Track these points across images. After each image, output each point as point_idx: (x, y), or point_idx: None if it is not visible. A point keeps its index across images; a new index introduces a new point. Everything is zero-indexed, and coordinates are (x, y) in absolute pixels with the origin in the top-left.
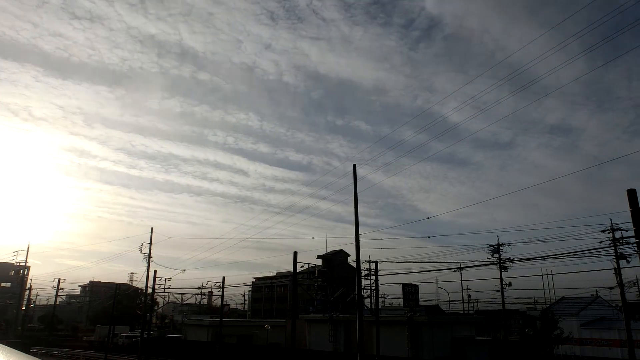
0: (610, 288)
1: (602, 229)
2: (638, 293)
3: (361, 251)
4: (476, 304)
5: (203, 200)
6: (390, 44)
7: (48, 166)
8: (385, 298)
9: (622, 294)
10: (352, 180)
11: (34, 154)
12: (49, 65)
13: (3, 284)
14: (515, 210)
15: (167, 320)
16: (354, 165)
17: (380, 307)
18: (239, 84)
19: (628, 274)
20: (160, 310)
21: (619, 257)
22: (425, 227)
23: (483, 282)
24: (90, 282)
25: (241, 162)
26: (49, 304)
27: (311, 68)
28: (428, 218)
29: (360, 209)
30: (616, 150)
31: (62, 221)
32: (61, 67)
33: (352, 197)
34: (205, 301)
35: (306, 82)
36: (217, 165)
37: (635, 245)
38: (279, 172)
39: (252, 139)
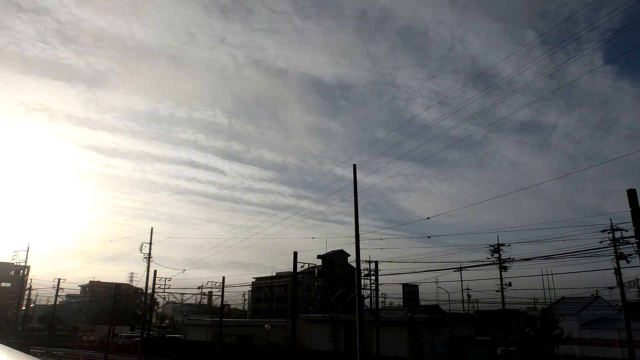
0: (610, 288)
1: (588, 229)
2: (638, 293)
3: (360, 251)
4: (476, 304)
5: (183, 199)
6: (346, 37)
7: (21, 165)
8: (385, 298)
9: (622, 294)
10: (330, 180)
11: (5, 152)
12: (2, 60)
13: (3, 284)
14: (498, 209)
15: (167, 321)
16: (354, 165)
17: (380, 307)
18: (199, 80)
19: (628, 274)
20: (160, 310)
21: (619, 257)
22: (414, 227)
23: (483, 282)
24: (90, 282)
25: (215, 161)
26: (49, 304)
27: (270, 62)
28: (428, 218)
29: (343, 209)
30: (591, 148)
31: (47, 222)
32: (15, 62)
33: (330, 197)
34: (205, 301)
35: (268, 77)
36: (192, 164)
37: (635, 245)
38: (255, 170)
39: (223, 136)
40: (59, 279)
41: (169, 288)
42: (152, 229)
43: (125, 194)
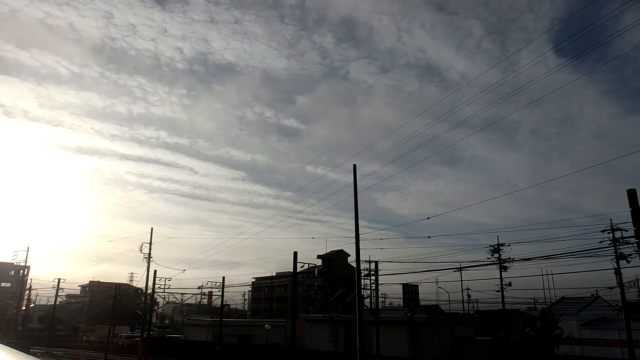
0: (610, 288)
1: (580, 229)
2: (638, 293)
3: (360, 251)
4: (476, 304)
5: (160, 198)
6: (289, 28)
7: None
8: (385, 298)
9: (622, 294)
10: (307, 181)
11: None
12: None
13: (3, 284)
14: (476, 208)
15: (167, 321)
16: (354, 165)
17: (380, 307)
18: (150, 74)
19: (628, 274)
20: (160, 310)
21: (619, 257)
22: (402, 227)
23: (483, 282)
24: (90, 282)
25: (183, 160)
26: (49, 304)
27: (217, 55)
28: (428, 218)
29: (321, 208)
30: (559, 145)
31: (31, 221)
32: None
33: (308, 196)
34: (205, 301)
35: (218, 71)
36: (160, 161)
37: (635, 245)
38: (225, 169)
39: (185, 133)
40: (59, 279)
41: (169, 288)
42: (152, 229)
43: (99, 192)
